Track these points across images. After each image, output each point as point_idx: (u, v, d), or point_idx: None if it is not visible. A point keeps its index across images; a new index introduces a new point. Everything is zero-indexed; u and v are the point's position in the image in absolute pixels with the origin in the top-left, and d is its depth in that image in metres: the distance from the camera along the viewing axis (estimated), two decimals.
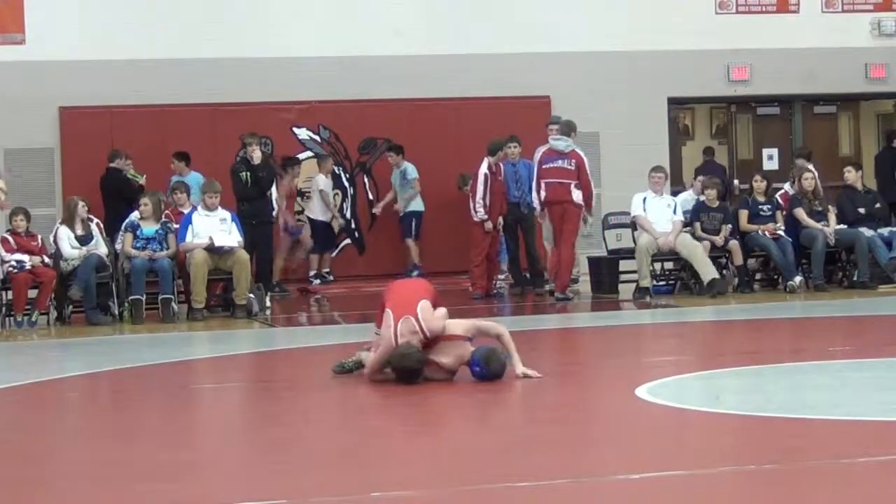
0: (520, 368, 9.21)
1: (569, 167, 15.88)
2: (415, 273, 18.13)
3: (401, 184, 18.92)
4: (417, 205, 18.87)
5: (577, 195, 15.81)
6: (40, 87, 18.24)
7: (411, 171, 18.77)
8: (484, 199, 16.32)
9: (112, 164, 17.58)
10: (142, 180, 17.38)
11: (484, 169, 16.36)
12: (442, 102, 19.50)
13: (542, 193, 15.91)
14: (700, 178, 17.53)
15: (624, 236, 17.15)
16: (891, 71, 20.94)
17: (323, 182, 18.78)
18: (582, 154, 16.07)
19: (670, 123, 20.73)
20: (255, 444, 7.61)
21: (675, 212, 16.26)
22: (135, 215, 15.29)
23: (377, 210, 19.27)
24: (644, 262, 15.94)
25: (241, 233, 15.30)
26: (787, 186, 17.36)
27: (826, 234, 16.17)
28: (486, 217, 16.32)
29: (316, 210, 18.80)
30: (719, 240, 16.20)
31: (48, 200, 18.10)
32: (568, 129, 16.18)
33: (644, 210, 16.23)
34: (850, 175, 17.12)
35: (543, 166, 15.94)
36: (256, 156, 15.92)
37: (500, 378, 9.10)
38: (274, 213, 17.46)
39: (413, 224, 18.82)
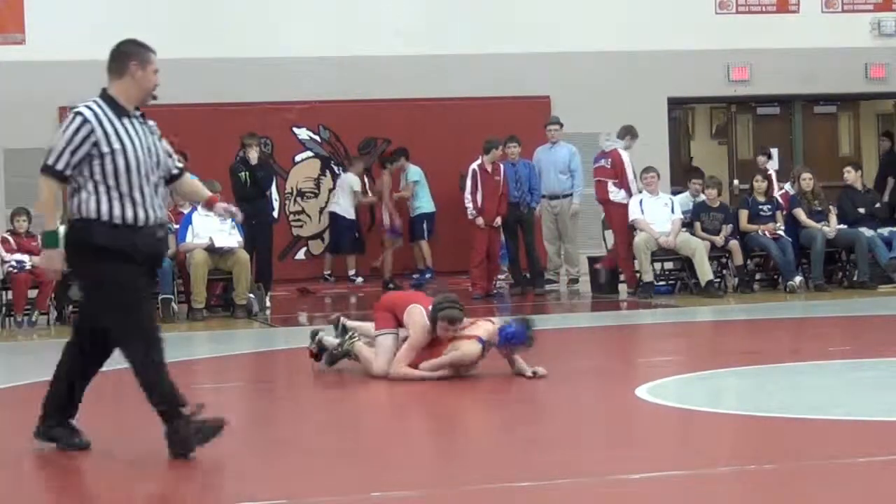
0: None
1: (607, 165, 16.45)
2: (428, 275, 18.18)
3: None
4: (428, 206, 18.80)
5: (614, 194, 16.37)
6: (40, 87, 18.22)
7: (411, 173, 18.75)
8: (473, 195, 16.38)
9: None
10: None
11: (473, 165, 16.46)
12: (442, 102, 19.50)
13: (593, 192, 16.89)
14: (696, 180, 17.51)
15: None
16: (891, 71, 20.94)
17: (356, 182, 18.75)
18: (623, 153, 16.41)
19: (670, 123, 20.72)
20: (255, 444, 7.60)
21: (672, 210, 16.28)
22: None
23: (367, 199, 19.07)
24: (644, 258, 15.96)
25: (240, 233, 15.31)
26: (787, 186, 17.36)
27: (825, 233, 16.18)
28: (475, 214, 16.36)
29: (346, 208, 18.73)
30: (719, 240, 16.20)
31: None
32: (625, 132, 16.87)
33: (641, 212, 16.24)
34: (850, 175, 17.12)
35: (594, 166, 16.72)
36: (253, 156, 15.95)
37: (523, 343, 9.20)
38: (274, 212, 17.42)
39: (425, 225, 18.76)
